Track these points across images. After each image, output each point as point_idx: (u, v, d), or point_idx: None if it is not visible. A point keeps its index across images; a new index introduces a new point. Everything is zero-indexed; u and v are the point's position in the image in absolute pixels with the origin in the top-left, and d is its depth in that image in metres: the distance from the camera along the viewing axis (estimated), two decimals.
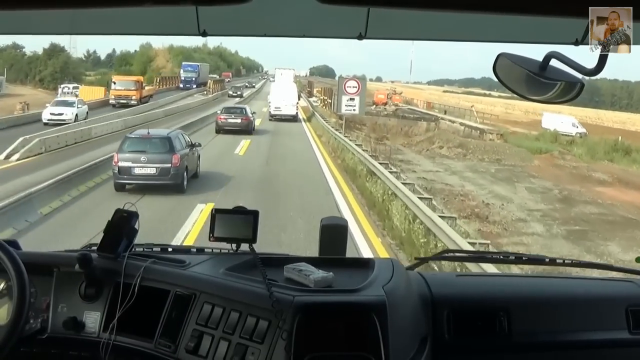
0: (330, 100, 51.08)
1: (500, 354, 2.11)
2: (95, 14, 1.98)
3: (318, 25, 2.22)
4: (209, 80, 76.04)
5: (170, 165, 15.67)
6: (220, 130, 30.56)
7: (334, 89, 51.38)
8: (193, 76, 77.17)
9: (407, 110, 63.67)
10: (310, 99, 69.79)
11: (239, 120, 31.30)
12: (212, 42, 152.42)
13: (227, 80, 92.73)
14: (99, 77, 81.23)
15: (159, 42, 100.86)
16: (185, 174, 16.31)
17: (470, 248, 9.22)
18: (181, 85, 74.70)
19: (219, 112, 33.35)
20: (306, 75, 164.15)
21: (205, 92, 68.48)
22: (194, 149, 17.77)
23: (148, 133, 16.82)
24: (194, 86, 73.90)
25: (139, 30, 2.41)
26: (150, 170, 15.66)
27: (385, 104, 62.19)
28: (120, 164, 15.54)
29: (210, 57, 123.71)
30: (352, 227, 11.61)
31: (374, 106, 59.73)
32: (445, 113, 62.41)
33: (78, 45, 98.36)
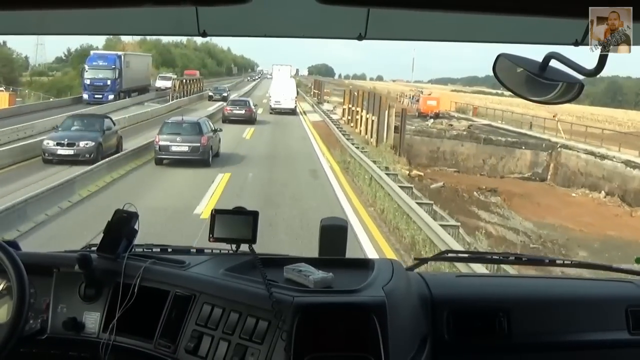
0: (371, 117, 29.62)
1: (500, 354, 2.11)
2: (95, 15, 1.98)
3: (318, 25, 2.22)
4: (174, 81, 52.74)
5: (199, 144, 19.92)
6: (227, 120, 34.27)
7: (376, 96, 31.75)
8: (108, 77, 44.93)
9: (486, 127, 40.04)
10: (321, 106, 50.81)
11: (243, 112, 36.18)
12: (200, 37, 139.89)
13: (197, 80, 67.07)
14: (60, 77, 66.55)
15: (129, 35, 76.88)
16: (210, 151, 20.52)
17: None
18: (85, 96, 44.66)
19: (225, 104, 39.60)
20: (307, 75, 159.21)
21: (167, 98, 46.08)
22: (216, 133, 22.05)
23: (182, 119, 21.96)
24: (110, 96, 44.07)
25: (139, 31, 2.41)
26: (184, 148, 19.79)
27: (438, 114, 45.66)
28: (161, 143, 19.84)
29: (196, 54, 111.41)
30: None
31: (431, 120, 41.77)
32: (531, 127, 40.68)
33: (47, 43, 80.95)
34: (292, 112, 44.63)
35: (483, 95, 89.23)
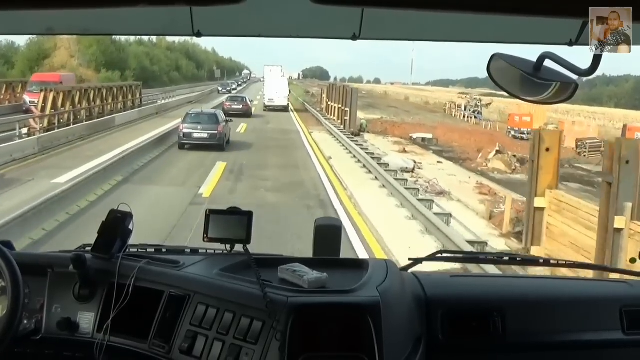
0: None
1: (494, 354, 2.11)
2: (89, 15, 1.97)
3: (312, 25, 2.22)
4: (46, 93, 27.45)
5: (217, 132, 23.87)
6: (227, 114, 35.78)
7: None
8: None
9: None
10: (360, 141, 27.54)
11: (240, 106, 41.50)
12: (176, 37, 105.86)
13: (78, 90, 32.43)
14: None
15: (124, 36, 60.10)
16: (225, 138, 24.51)
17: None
18: None
19: (224, 99, 44.21)
20: (303, 79, 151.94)
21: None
22: (228, 123, 26.05)
23: (202, 111, 26.06)
24: None
25: (133, 31, 2.40)
26: (204, 134, 23.62)
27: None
28: (184, 130, 23.74)
29: (167, 54, 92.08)
30: None
31: None
32: None
33: None
34: (285, 109, 48.27)
35: (496, 97, 63.21)
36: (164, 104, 46.11)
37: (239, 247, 2.20)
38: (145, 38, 79.89)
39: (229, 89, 76.54)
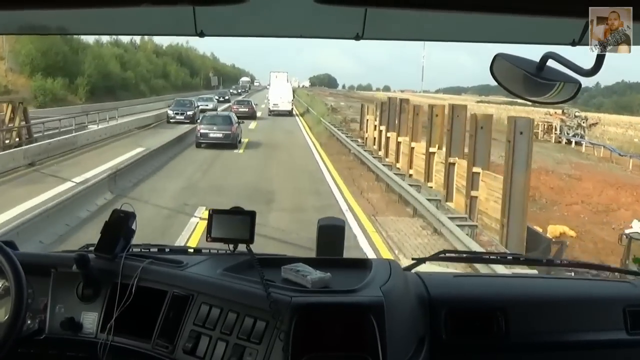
0: None
1: (497, 354, 2.11)
2: (91, 14, 1.97)
3: (315, 25, 2.22)
4: None
5: (230, 132, 26.93)
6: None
7: None
8: None
9: None
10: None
11: (246, 110, 46.54)
12: (167, 39, 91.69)
13: None
14: None
15: (126, 35, 39.01)
16: (237, 138, 27.58)
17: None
18: None
19: (231, 103, 49.42)
20: (310, 87, 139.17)
21: None
22: (240, 124, 29.14)
23: (217, 113, 30.21)
24: None
25: (136, 31, 2.40)
26: (219, 134, 26.63)
27: None
28: (201, 130, 26.67)
29: (150, 58, 75.70)
30: None
31: None
32: None
33: None
34: (289, 113, 51.90)
35: (523, 107, 51.64)
36: (87, 133, 27.90)
37: (242, 247, 2.20)
38: (126, 39, 69.08)
39: (190, 113, 39.17)
